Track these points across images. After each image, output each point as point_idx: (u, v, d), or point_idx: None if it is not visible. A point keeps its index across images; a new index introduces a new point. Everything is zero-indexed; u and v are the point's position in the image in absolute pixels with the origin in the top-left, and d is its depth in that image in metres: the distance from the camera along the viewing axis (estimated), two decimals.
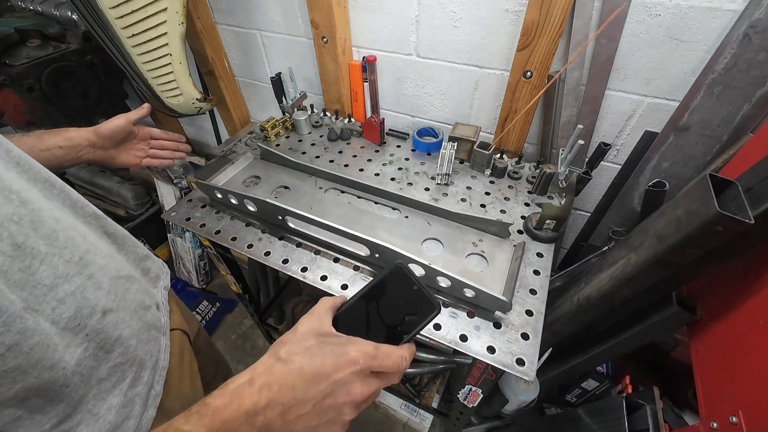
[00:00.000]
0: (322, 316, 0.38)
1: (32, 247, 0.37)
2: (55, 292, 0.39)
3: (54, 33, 1.28)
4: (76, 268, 0.41)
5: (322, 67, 1.11)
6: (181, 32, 0.98)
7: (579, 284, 0.84)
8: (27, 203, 0.38)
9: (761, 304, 0.56)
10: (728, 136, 0.76)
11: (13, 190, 0.37)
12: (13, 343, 0.33)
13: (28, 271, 0.36)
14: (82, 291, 0.42)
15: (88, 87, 1.34)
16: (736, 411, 0.54)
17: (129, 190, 1.73)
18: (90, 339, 0.43)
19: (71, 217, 0.46)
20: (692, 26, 0.72)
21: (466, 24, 0.90)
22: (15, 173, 0.40)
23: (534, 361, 0.61)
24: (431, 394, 1.30)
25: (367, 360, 0.33)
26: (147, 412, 0.51)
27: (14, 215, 0.36)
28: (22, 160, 0.41)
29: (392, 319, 0.39)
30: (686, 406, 0.83)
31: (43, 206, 0.40)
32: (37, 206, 0.39)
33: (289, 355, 0.33)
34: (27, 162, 0.42)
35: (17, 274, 0.35)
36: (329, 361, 0.33)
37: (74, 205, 0.48)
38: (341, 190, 0.94)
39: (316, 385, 0.32)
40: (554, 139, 0.94)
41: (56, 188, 0.45)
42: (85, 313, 0.42)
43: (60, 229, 0.41)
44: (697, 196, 0.53)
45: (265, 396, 0.32)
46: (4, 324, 0.32)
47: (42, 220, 0.39)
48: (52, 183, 0.45)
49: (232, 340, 1.68)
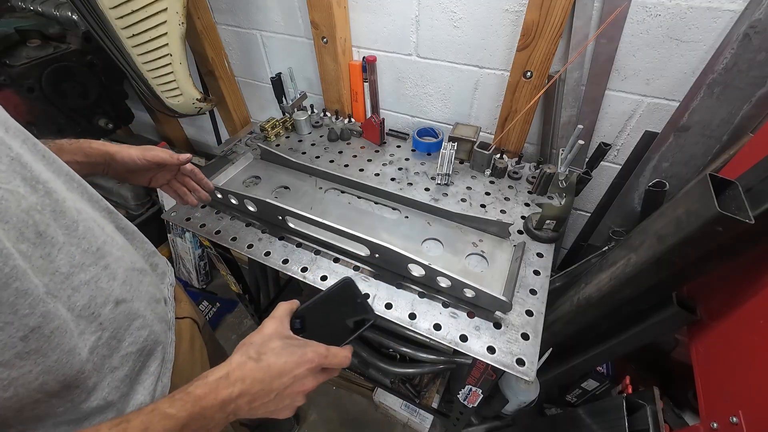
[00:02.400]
0: (283, 320, 0.46)
1: (52, 236, 0.38)
2: (71, 281, 0.40)
3: (54, 33, 1.28)
4: (92, 259, 0.42)
5: (322, 67, 1.11)
6: (181, 32, 0.98)
7: (579, 284, 0.83)
8: (52, 193, 0.39)
9: (761, 304, 0.56)
10: (728, 136, 0.76)
11: (40, 180, 0.38)
12: (36, 326, 0.35)
13: (48, 258, 0.37)
14: (97, 281, 0.43)
15: (88, 87, 1.34)
16: (737, 411, 0.54)
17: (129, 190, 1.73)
18: (104, 328, 0.44)
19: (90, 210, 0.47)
20: (692, 26, 0.72)
21: (466, 24, 0.90)
22: (42, 165, 0.41)
23: (534, 362, 0.61)
24: (431, 394, 1.30)
25: (320, 359, 0.42)
26: None
27: (38, 205, 0.37)
28: (47, 153, 0.43)
29: (337, 324, 0.48)
30: (686, 406, 0.83)
31: (66, 197, 0.42)
32: (62, 197, 0.40)
33: (258, 354, 0.41)
34: (50, 156, 0.43)
35: (39, 260, 0.36)
36: (291, 360, 0.41)
37: (91, 198, 0.49)
38: (341, 190, 0.94)
39: (280, 378, 0.40)
40: (554, 139, 0.94)
41: (75, 182, 0.47)
42: (99, 302, 0.43)
43: (81, 220, 0.42)
44: (697, 196, 0.53)
45: (239, 388, 0.38)
46: (30, 306, 0.34)
47: (64, 211, 0.40)
48: (71, 177, 0.46)
49: (232, 340, 1.68)
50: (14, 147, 0.37)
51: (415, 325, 0.67)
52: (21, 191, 0.36)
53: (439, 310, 0.70)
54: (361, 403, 1.47)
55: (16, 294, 0.33)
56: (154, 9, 0.92)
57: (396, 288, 0.73)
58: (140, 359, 0.50)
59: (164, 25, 0.95)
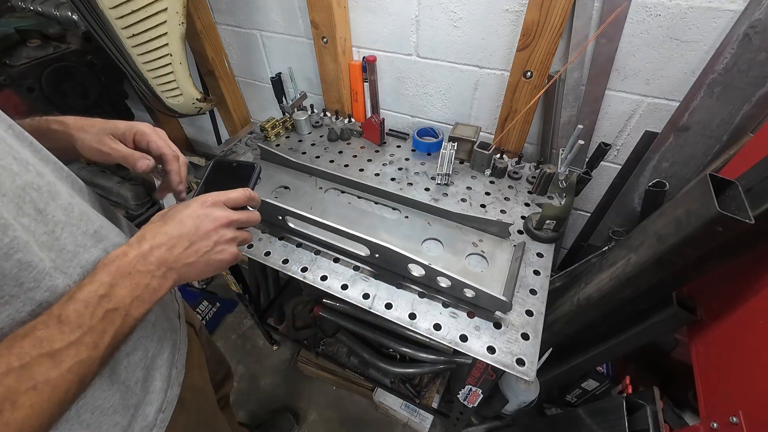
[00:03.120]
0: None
1: (53, 214, 0.37)
2: (78, 259, 0.39)
3: (54, 33, 1.28)
4: (92, 241, 0.42)
5: (322, 67, 1.11)
6: (181, 32, 0.98)
7: (579, 284, 0.83)
8: (43, 176, 0.38)
9: (761, 304, 0.56)
10: (728, 136, 0.76)
11: (29, 162, 0.38)
12: (44, 300, 0.34)
13: (53, 235, 0.37)
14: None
15: (88, 87, 1.34)
16: (736, 411, 0.54)
17: (129, 190, 1.73)
18: None
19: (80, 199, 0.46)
20: (692, 26, 0.72)
21: (466, 24, 0.90)
22: (29, 152, 0.40)
23: (534, 362, 0.61)
24: (431, 394, 1.30)
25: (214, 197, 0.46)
26: (171, 390, 0.53)
27: (34, 183, 0.36)
28: (34, 143, 0.42)
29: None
30: (686, 406, 0.83)
31: (56, 180, 0.41)
32: (51, 179, 0.40)
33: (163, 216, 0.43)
34: (37, 146, 0.43)
35: (43, 236, 0.36)
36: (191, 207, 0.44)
37: (81, 189, 0.48)
38: (341, 190, 0.94)
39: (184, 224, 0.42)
40: (554, 139, 0.94)
41: (65, 172, 0.46)
42: None
43: (75, 203, 0.41)
44: (698, 196, 0.53)
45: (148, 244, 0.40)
46: (35, 279, 0.33)
47: (59, 192, 0.39)
48: (60, 167, 0.45)
49: (232, 340, 1.68)
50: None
51: (415, 325, 0.67)
52: (14, 168, 0.35)
53: (439, 310, 0.70)
54: (361, 403, 1.47)
55: (19, 266, 0.32)
56: (154, 9, 0.92)
57: (396, 288, 0.73)
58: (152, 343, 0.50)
59: (164, 25, 0.95)
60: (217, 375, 0.92)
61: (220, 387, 0.94)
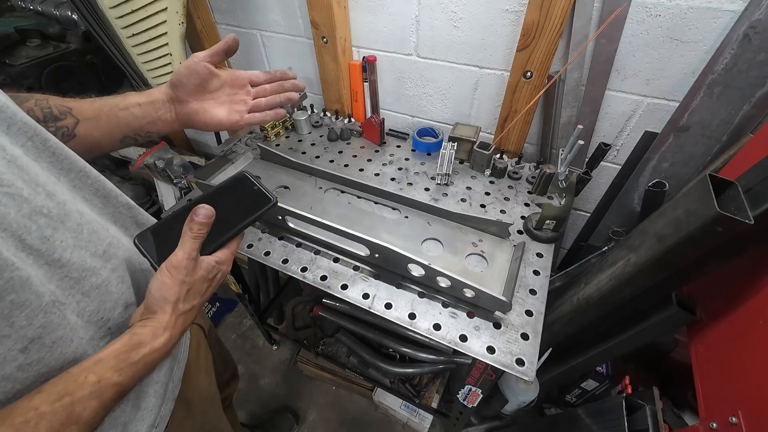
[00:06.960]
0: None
1: (60, 240, 0.37)
2: (81, 285, 0.39)
3: (54, 33, 1.28)
4: (100, 262, 0.42)
5: (322, 67, 1.11)
6: (181, 32, 0.98)
7: (579, 284, 0.83)
8: (52, 196, 0.38)
9: (761, 304, 0.56)
10: (728, 137, 0.76)
11: (39, 183, 0.37)
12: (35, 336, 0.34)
13: (57, 264, 0.37)
14: (107, 285, 0.42)
15: (88, 87, 1.34)
16: (736, 411, 0.54)
17: (129, 190, 1.73)
18: (113, 333, 0.43)
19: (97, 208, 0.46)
20: (692, 26, 0.72)
21: (466, 24, 0.90)
22: (46, 163, 0.40)
23: (534, 362, 0.61)
24: (431, 394, 1.30)
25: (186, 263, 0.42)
26: (165, 406, 0.52)
27: (44, 208, 0.36)
28: (58, 149, 0.41)
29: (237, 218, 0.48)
30: (686, 406, 0.83)
31: (67, 199, 0.40)
32: (62, 199, 0.39)
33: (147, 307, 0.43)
34: (63, 152, 0.42)
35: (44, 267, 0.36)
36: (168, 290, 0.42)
37: (107, 195, 0.48)
38: (341, 190, 0.94)
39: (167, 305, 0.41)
40: (554, 140, 0.94)
41: (90, 178, 0.45)
42: (108, 306, 0.42)
43: (84, 223, 0.41)
44: (697, 196, 0.53)
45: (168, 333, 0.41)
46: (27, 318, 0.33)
47: (68, 213, 0.39)
48: (86, 173, 0.45)
49: (232, 340, 1.68)
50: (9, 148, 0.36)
51: (414, 325, 0.67)
52: (24, 194, 0.35)
53: (439, 310, 0.70)
54: (360, 403, 1.47)
55: (11, 306, 0.32)
56: (154, 9, 0.92)
57: (396, 288, 0.73)
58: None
59: (164, 25, 0.96)
60: (224, 375, 0.92)
61: (226, 386, 0.94)
